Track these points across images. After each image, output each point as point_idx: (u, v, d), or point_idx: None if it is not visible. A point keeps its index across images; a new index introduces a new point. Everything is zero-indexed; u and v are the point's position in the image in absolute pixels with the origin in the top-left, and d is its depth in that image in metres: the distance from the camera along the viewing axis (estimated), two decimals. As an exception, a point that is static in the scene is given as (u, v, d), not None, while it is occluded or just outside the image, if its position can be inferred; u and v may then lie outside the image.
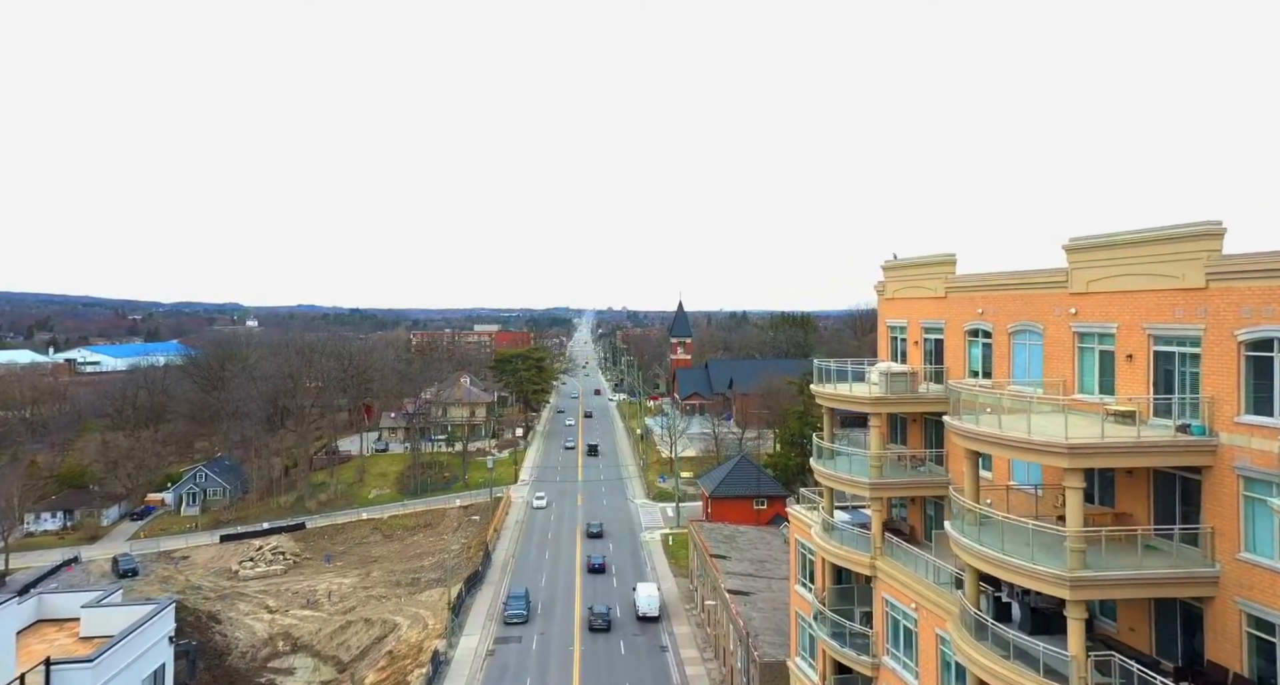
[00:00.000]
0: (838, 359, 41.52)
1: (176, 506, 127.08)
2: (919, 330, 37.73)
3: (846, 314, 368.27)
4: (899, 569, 33.81)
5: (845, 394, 36.60)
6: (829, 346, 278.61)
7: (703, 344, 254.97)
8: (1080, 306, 27.12)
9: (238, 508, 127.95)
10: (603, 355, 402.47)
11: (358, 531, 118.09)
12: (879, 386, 35.32)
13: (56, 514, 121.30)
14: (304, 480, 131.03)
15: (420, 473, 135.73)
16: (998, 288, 31.58)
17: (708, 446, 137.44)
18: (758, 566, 70.44)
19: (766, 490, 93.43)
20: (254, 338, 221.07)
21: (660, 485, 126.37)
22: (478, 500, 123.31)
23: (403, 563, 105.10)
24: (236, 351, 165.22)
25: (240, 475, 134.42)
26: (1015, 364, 30.80)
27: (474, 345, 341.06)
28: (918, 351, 37.90)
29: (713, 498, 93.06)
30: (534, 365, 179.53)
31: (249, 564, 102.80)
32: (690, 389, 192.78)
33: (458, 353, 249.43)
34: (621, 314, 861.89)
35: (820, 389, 38.42)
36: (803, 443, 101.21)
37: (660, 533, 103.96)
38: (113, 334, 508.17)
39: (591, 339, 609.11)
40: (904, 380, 35.30)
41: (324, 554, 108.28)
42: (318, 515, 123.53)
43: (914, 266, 38.00)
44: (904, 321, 39.18)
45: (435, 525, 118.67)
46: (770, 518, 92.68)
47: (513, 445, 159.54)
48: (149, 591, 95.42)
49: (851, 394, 36.18)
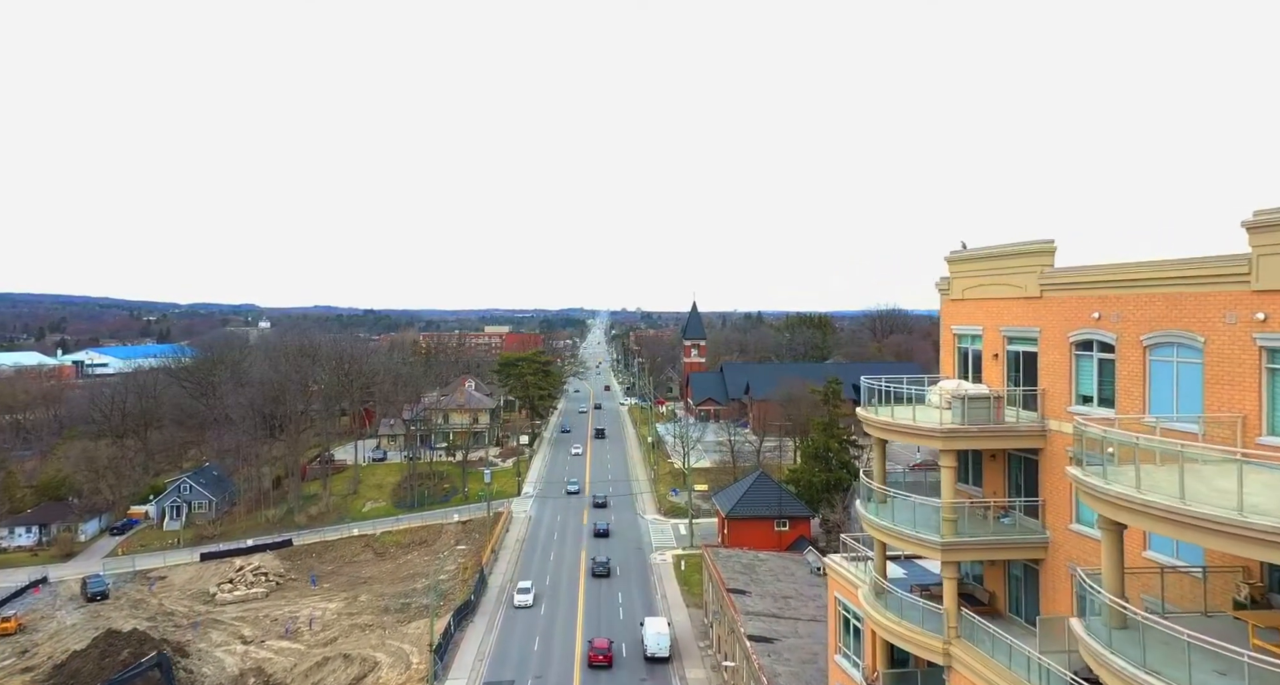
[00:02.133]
0: (889, 377, 32.71)
1: (159, 520, 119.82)
2: (999, 339, 29.22)
3: (864, 315, 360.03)
4: (986, 663, 25.29)
5: (905, 424, 28.11)
6: (847, 348, 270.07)
7: (717, 346, 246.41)
8: (1275, 311, 18.59)
9: (224, 522, 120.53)
10: (615, 357, 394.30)
11: (348, 549, 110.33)
12: (953, 414, 26.88)
13: (32, 528, 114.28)
14: (294, 492, 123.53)
15: (417, 484, 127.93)
16: (1128, 284, 22.98)
17: (723, 457, 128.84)
18: (781, 604, 61.95)
19: (788, 510, 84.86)
20: (255, 340, 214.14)
21: (672, 499, 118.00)
22: (478, 514, 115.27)
23: (394, 585, 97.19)
24: (227, 355, 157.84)
25: (227, 486, 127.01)
26: (1154, 390, 22.26)
27: (482, 347, 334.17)
28: (996, 367, 29.39)
29: (729, 518, 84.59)
30: (539, 369, 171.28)
31: (228, 586, 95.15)
32: (704, 394, 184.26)
33: (464, 355, 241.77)
34: (636, 315, 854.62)
35: (870, 415, 29.97)
36: (828, 457, 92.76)
37: (672, 553, 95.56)
38: (124, 335, 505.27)
39: (605, 340, 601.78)
40: (985, 407, 26.83)
41: (310, 574, 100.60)
42: (307, 530, 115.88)
43: (994, 258, 29.48)
44: (977, 328, 30.68)
45: (431, 542, 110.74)
46: (793, 540, 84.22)
47: (517, 453, 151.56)
48: (117, 618, 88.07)
49: (915, 424, 27.69)
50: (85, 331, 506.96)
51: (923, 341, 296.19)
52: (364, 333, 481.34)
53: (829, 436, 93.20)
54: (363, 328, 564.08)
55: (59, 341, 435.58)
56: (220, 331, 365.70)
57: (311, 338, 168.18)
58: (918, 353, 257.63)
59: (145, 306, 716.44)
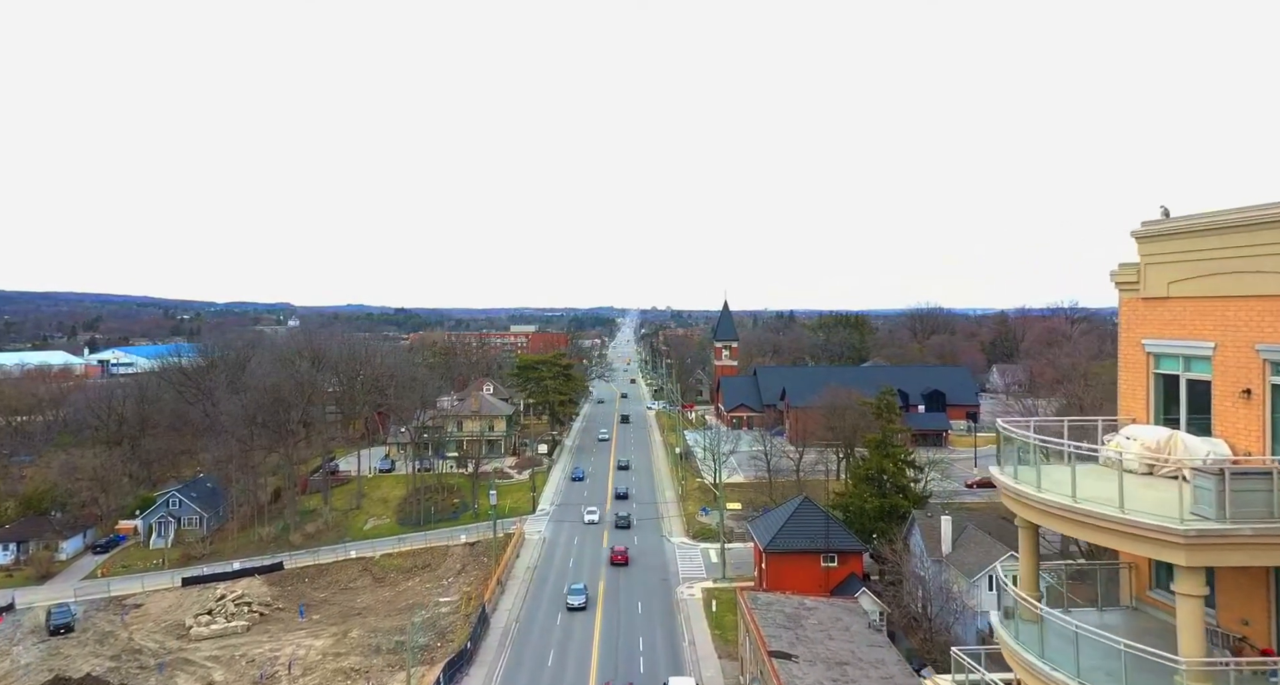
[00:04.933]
0: (1022, 421, 20.62)
1: (145, 537, 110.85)
2: (1257, 365, 17.34)
3: (902, 314, 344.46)
4: None
5: (1101, 515, 16.29)
6: (886, 350, 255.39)
7: (748, 347, 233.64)
8: None
9: (215, 539, 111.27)
10: (643, 357, 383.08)
11: (344, 573, 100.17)
12: (1203, 500, 15.10)
13: (9, 545, 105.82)
14: (291, 508, 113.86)
15: (424, 499, 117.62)
16: None
17: (758, 472, 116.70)
18: (838, 674, 50.13)
19: (838, 543, 72.80)
20: (267, 340, 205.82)
21: (702, 519, 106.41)
22: (489, 534, 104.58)
23: (390, 617, 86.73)
24: (225, 356, 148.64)
25: (220, 500, 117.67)
26: None
27: (506, 347, 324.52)
28: (1247, 412, 17.51)
29: (768, 553, 72.74)
30: (560, 372, 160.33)
31: (205, 618, 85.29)
32: (736, 400, 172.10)
33: (486, 355, 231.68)
34: (665, 314, 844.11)
35: (1024, 490, 18.23)
36: (881, 479, 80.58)
37: (702, 587, 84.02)
38: (156, 334, 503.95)
39: (634, 339, 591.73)
40: (1267, 488, 14.99)
41: (299, 604, 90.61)
42: (302, 551, 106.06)
43: (1242, 228, 17.57)
44: (1200, 344, 18.81)
45: (435, 566, 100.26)
46: (842, 579, 72.20)
47: (535, 463, 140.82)
48: (77, 657, 78.77)
49: (1122, 518, 15.85)
50: (119, 330, 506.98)
51: (967, 342, 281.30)
52: (393, 331, 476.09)
53: (883, 455, 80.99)
54: (392, 326, 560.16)
55: (89, 340, 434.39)
56: (251, 330, 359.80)
57: (315, 339, 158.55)
58: (963, 355, 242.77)
59: (183, 305, 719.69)
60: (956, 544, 70.62)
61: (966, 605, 62.48)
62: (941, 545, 70.58)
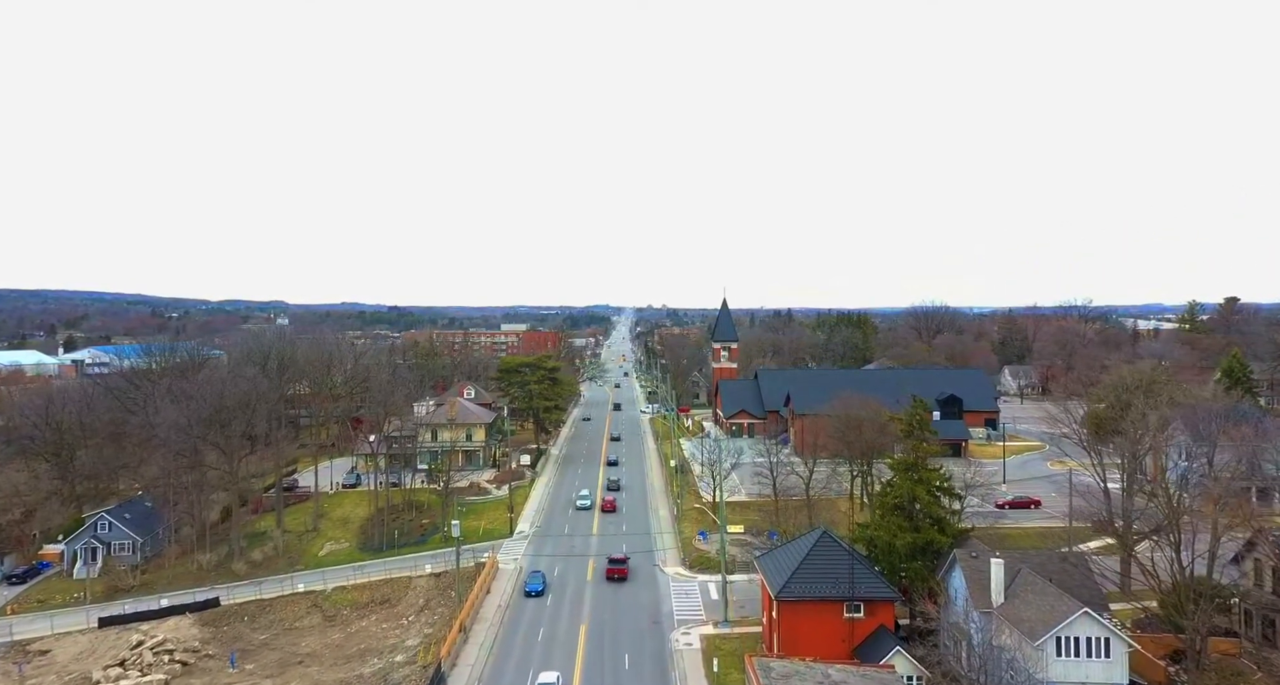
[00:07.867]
0: None
1: (69, 566, 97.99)
2: None
3: (905, 313, 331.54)
4: None
5: None
6: (892, 350, 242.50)
7: (747, 346, 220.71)
8: None
9: (149, 568, 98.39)
10: (639, 357, 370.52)
11: (290, 610, 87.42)
12: None
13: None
14: (235, 532, 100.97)
15: (389, 520, 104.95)
16: None
17: (762, 488, 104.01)
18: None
19: (865, 590, 60.18)
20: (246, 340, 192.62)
21: (700, 546, 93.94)
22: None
23: (336, 668, 74.04)
24: (168, 359, 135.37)
25: (157, 524, 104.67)
26: None
27: (496, 346, 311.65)
28: None
29: (780, 601, 60.15)
30: (546, 376, 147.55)
31: (115, 671, 72.50)
32: (736, 405, 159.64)
33: (469, 356, 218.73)
34: (662, 312, 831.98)
35: None
36: (913, 509, 68.08)
37: (700, 633, 71.38)
38: (141, 333, 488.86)
39: (630, 337, 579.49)
40: None
41: (231, 651, 77.85)
42: (245, 583, 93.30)
43: None
44: None
45: (395, 602, 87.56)
46: (869, 633, 59.67)
47: (517, 477, 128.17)
48: (-47, 722, 66.05)
49: None
50: (103, 329, 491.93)
51: (976, 342, 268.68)
52: (386, 330, 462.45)
53: (914, 480, 68.46)
54: (385, 325, 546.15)
55: (66, 339, 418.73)
56: (239, 329, 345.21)
57: (281, 339, 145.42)
58: (973, 356, 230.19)
59: (175, 304, 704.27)
60: (1009, 592, 58.19)
61: (1032, 676, 49.92)
62: (992, 594, 58.13)
